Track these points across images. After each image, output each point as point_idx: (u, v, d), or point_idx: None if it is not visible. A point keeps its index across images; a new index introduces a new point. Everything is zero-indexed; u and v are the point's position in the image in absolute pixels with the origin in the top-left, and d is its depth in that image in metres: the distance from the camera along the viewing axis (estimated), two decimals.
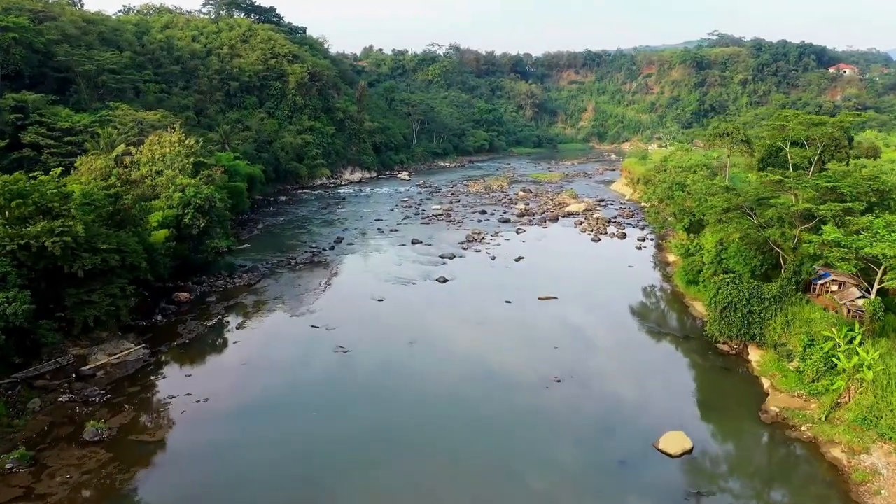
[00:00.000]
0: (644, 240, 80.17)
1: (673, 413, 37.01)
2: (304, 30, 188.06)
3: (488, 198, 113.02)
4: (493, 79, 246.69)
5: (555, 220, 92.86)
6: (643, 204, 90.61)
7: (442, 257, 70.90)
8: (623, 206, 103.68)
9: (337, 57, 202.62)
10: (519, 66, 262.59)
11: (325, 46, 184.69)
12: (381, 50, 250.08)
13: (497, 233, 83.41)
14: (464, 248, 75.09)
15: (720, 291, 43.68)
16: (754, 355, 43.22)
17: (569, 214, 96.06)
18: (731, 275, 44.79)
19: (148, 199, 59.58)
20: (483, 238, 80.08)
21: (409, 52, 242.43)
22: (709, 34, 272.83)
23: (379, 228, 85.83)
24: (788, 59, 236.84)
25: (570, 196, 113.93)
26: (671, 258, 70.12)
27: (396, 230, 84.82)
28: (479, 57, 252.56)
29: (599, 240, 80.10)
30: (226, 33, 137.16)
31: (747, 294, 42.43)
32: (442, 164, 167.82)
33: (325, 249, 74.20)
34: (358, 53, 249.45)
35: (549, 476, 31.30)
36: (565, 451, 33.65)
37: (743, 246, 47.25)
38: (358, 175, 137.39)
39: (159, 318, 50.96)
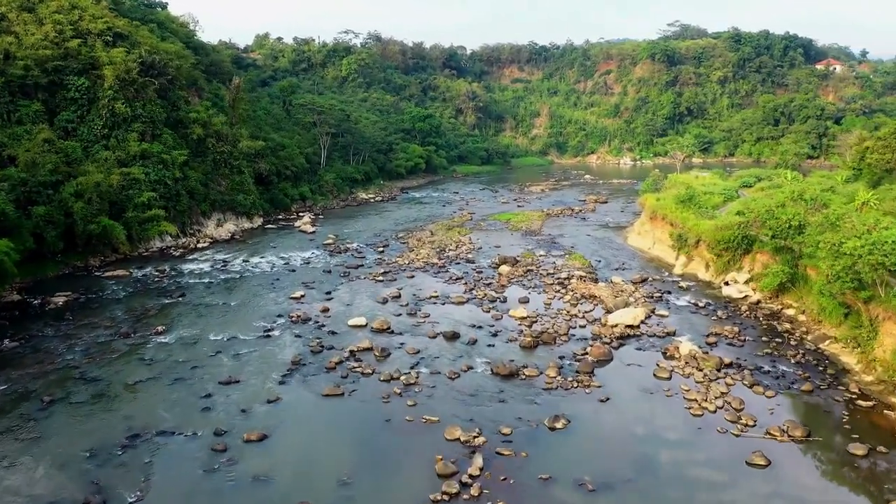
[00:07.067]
0: (867, 454, 33.76)
1: None
2: (163, 5, 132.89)
3: (447, 277, 64.63)
4: (424, 76, 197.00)
5: (607, 358, 45.22)
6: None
7: None
8: (698, 300, 57.44)
9: (217, 46, 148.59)
10: (453, 61, 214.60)
11: (191, 28, 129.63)
12: (279, 38, 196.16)
13: (506, 436, 34.88)
14: None
15: None
16: None
17: (624, 338, 48.71)
18: None
19: None
20: (482, 471, 31.55)
21: (317, 42, 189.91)
22: (668, 24, 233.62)
23: (223, 433, 35.28)
24: (772, 53, 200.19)
25: (584, 270, 67.14)
26: None
27: (266, 436, 34.80)
28: (405, 49, 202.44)
29: (769, 463, 32.78)
30: None
31: None
32: (363, 195, 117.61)
33: None
34: (250, 44, 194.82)
35: None
36: None
37: None
38: (229, 228, 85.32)
39: None
